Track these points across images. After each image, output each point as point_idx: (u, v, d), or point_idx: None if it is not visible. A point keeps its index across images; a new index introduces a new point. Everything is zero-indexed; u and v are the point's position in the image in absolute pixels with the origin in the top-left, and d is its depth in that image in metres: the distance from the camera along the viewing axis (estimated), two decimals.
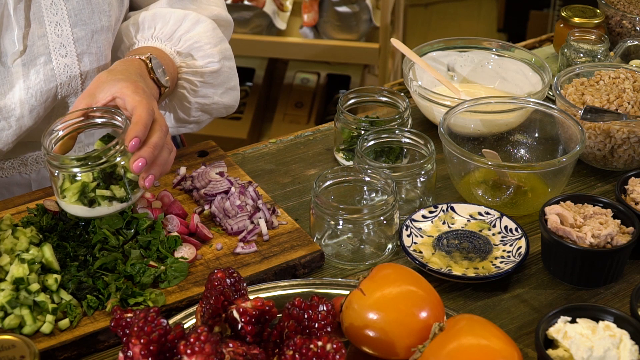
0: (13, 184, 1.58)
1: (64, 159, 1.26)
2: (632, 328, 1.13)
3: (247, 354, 1.03)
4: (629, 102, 1.56)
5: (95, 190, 1.27)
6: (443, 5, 5.00)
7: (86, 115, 1.32)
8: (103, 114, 1.32)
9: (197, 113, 1.58)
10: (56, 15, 1.45)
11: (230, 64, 1.59)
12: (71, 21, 1.46)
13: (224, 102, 1.60)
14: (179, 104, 1.56)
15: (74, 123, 1.32)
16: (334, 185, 1.41)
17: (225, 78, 1.58)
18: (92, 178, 1.27)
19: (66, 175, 1.27)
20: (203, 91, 1.56)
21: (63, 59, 1.48)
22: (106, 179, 1.28)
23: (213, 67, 1.54)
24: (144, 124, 1.27)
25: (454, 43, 1.83)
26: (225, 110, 1.62)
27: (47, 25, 1.45)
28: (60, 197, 1.29)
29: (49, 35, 1.45)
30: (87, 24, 1.48)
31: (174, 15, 1.53)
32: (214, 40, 1.55)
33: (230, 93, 1.60)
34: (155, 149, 1.27)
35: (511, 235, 1.38)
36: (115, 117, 1.31)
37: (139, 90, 1.32)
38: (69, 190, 1.27)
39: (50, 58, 1.46)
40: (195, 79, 1.54)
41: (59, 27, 1.45)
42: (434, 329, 1.07)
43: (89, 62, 1.51)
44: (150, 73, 1.42)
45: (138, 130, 1.26)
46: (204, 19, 1.56)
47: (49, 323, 1.19)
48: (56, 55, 1.47)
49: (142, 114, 1.28)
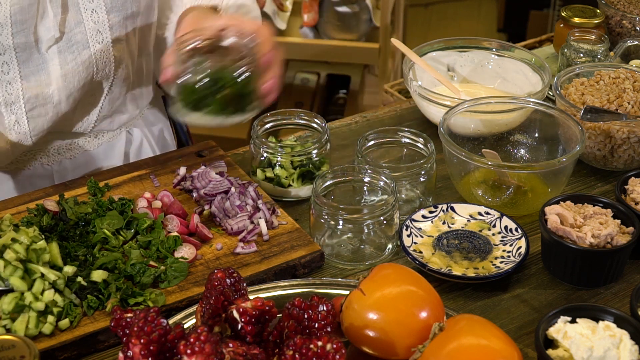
0: (35, 176, 1.60)
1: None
2: (632, 328, 1.13)
3: (247, 354, 1.03)
4: (629, 102, 1.56)
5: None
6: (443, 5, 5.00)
7: (215, 37, 1.34)
8: (234, 33, 1.34)
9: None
10: (92, 2, 1.46)
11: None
12: (107, 8, 1.48)
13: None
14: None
15: (207, 38, 1.33)
16: (333, 185, 1.41)
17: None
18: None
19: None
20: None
21: (100, 45, 1.50)
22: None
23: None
24: (271, 44, 1.32)
25: (454, 43, 1.83)
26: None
27: (83, 12, 1.46)
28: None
29: (86, 22, 1.47)
30: (120, 10, 1.50)
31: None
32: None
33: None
34: (280, 69, 1.33)
35: (511, 235, 1.38)
36: (245, 37, 1.33)
37: (243, 18, 1.36)
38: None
39: (87, 44, 1.48)
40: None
41: (95, 14, 1.47)
42: (434, 329, 1.07)
43: (122, 48, 1.53)
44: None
45: (268, 48, 1.31)
46: None
47: (49, 323, 1.19)
48: (93, 42, 1.49)
49: (266, 34, 1.32)
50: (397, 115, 1.78)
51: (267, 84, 1.31)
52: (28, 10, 1.40)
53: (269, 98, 1.32)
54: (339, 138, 1.70)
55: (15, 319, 1.19)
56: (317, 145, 1.49)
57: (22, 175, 1.60)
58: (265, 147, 1.49)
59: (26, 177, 1.60)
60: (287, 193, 1.49)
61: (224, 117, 1.31)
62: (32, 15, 1.41)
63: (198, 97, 1.29)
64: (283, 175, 1.49)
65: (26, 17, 1.40)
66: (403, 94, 2.08)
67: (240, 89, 1.29)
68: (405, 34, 4.16)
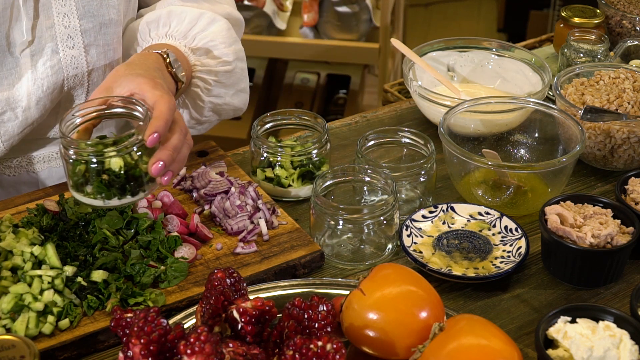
0: (21, 183, 1.58)
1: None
2: (632, 328, 1.13)
3: (247, 354, 1.03)
4: (629, 102, 1.56)
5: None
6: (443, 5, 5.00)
7: (106, 104, 1.28)
8: (125, 104, 1.27)
9: (209, 113, 1.58)
10: (64, 6, 1.45)
11: (243, 65, 1.59)
12: (79, 12, 1.46)
13: (234, 103, 1.59)
14: (193, 103, 1.56)
15: (94, 110, 1.27)
16: (333, 185, 1.41)
17: (237, 79, 1.58)
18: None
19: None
20: (216, 91, 1.55)
21: (70, 50, 1.47)
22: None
23: (227, 67, 1.54)
24: (165, 120, 1.24)
25: (454, 43, 1.83)
26: (234, 112, 1.62)
27: (55, 16, 1.44)
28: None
29: (57, 26, 1.45)
30: (95, 16, 1.48)
31: (190, 13, 1.53)
32: (228, 40, 1.55)
33: (240, 95, 1.60)
34: (174, 152, 1.24)
35: (511, 235, 1.38)
36: (136, 108, 1.26)
37: (158, 86, 1.30)
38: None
39: (57, 49, 1.46)
40: (209, 78, 1.53)
41: (66, 19, 1.45)
42: (434, 329, 1.07)
43: (97, 55, 1.51)
44: (168, 67, 1.41)
45: (159, 126, 1.23)
46: (219, 18, 1.55)
47: (49, 323, 1.19)
48: (63, 47, 1.47)
49: (163, 109, 1.25)
50: (397, 115, 1.78)
51: (153, 166, 1.21)
52: (2, 14, 1.39)
53: (163, 179, 1.23)
54: (339, 138, 1.70)
55: (14, 319, 1.19)
56: (317, 145, 1.49)
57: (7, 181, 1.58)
58: (265, 147, 1.49)
59: (12, 184, 1.58)
60: (287, 193, 1.50)
61: (109, 200, 1.23)
62: (6, 19, 1.40)
63: (78, 179, 1.23)
64: (283, 175, 1.49)
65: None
66: (403, 94, 2.08)
67: (122, 172, 1.22)
68: (405, 34, 4.16)
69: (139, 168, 1.23)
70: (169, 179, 1.24)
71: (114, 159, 1.21)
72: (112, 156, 1.21)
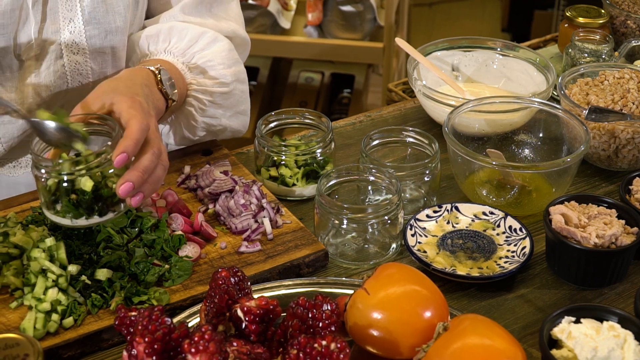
0: (20, 184, 1.58)
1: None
2: (636, 328, 1.13)
3: (251, 352, 1.03)
4: (633, 103, 1.55)
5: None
6: (447, 4, 5.00)
7: (83, 122, 1.27)
8: (99, 122, 1.27)
9: (202, 133, 1.56)
10: (70, 11, 1.44)
11: (243, 87, 1.56)
12: (84, 19, 1.45)
13: (231, 125, 1.57)
14: (186, 122, 1.54)
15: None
16: (338, 184, 1.41)
17: (236, 101, 1.55)
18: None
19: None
20: (211, 111, 1.53)
21: (74, 55, 1.47)
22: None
23: (224, 89, 1.52)
24: (134, 140, 1.21)
25: (459, 43, 1.83)
26: (232, 134, 1.59)
27: (61, 21, 1.44)
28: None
29: (62, 31, 1.45)
30: (101, 23, 1.47)
31: (192, 31, 1.51)
32: (228, 61, 1.52)
33: (239, 117, 1.57)
34: (144, 173, 1.22)
35: (515, 235, 1.38)
36: (109, 126, 1.25)
37: (136, 105, 1.27)
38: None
39: (61, 54, 1.46)
40: (204, 98, 1.51)
41: (72, 24, 1.45)
42: (438, 329, 1.07)
43: (102, 62, 1.50)
44: (158, 84, 1.40)
45: (128, 145, 1.21)
46: (222, 38, 1.53)
47: (53, 322, 1.19)
48: (67, 52, 1.46)
49: (134, 129, 1.23)
50: (402, 114, 1.78)
51: (121, 187, 1.19)
52: (10, 15, 1.39)
53: (133, 200, 1.21)
54: (343, 137, 1.70)
55: (17, 287, 1.22)
56: (321, 144, 1.49)
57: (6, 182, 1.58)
58: (270, 146, 1.49)
59: (12, 185, 1.57)
60: (292, 192, 1.50)
61: (76, 220, 1.23)
62: (14, 20, 1.40)
63: (48, 197, 1.23)
64: (287, 174, 1.49)
65: (7, 21, 1.39)
66: (407, 93, 2.08)
67: (90, 192, 1.21)
68: (410, 34, 4.15)
69: (109, 188, 1.22)
70: (139, 201, 1.22)
71: (84, 178, 1.21)
72: (81, 175, 1.21)
